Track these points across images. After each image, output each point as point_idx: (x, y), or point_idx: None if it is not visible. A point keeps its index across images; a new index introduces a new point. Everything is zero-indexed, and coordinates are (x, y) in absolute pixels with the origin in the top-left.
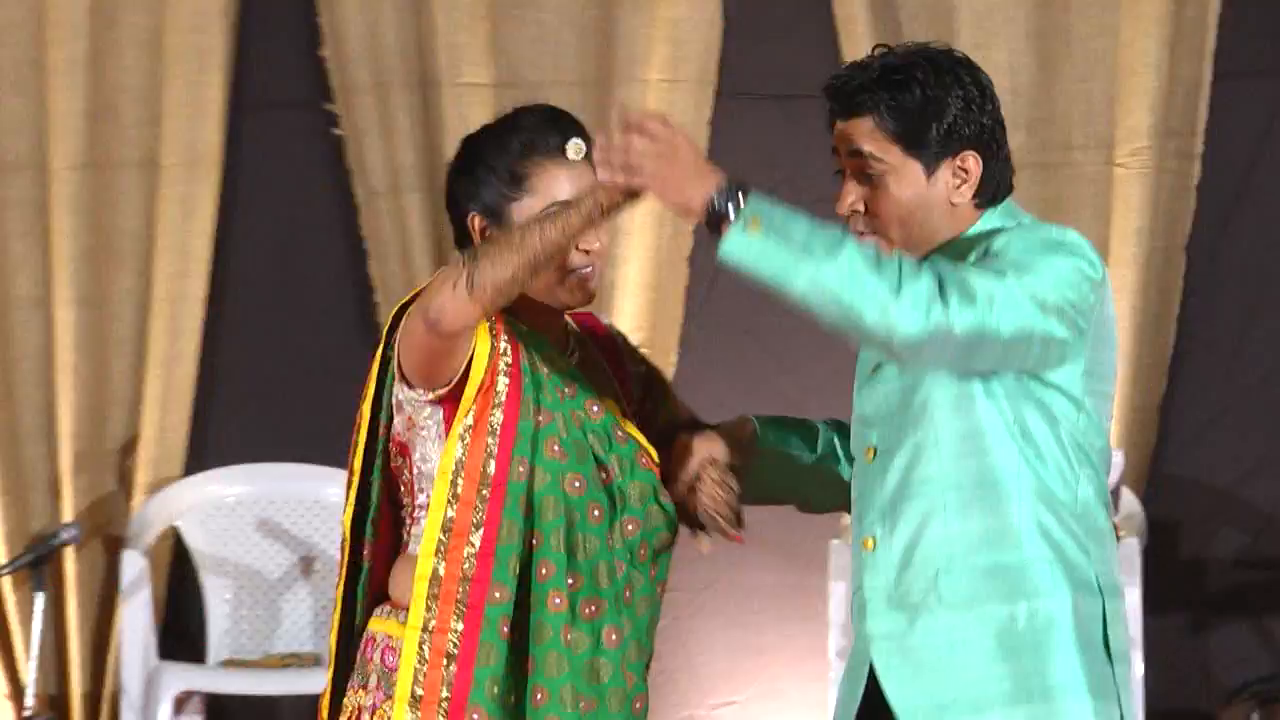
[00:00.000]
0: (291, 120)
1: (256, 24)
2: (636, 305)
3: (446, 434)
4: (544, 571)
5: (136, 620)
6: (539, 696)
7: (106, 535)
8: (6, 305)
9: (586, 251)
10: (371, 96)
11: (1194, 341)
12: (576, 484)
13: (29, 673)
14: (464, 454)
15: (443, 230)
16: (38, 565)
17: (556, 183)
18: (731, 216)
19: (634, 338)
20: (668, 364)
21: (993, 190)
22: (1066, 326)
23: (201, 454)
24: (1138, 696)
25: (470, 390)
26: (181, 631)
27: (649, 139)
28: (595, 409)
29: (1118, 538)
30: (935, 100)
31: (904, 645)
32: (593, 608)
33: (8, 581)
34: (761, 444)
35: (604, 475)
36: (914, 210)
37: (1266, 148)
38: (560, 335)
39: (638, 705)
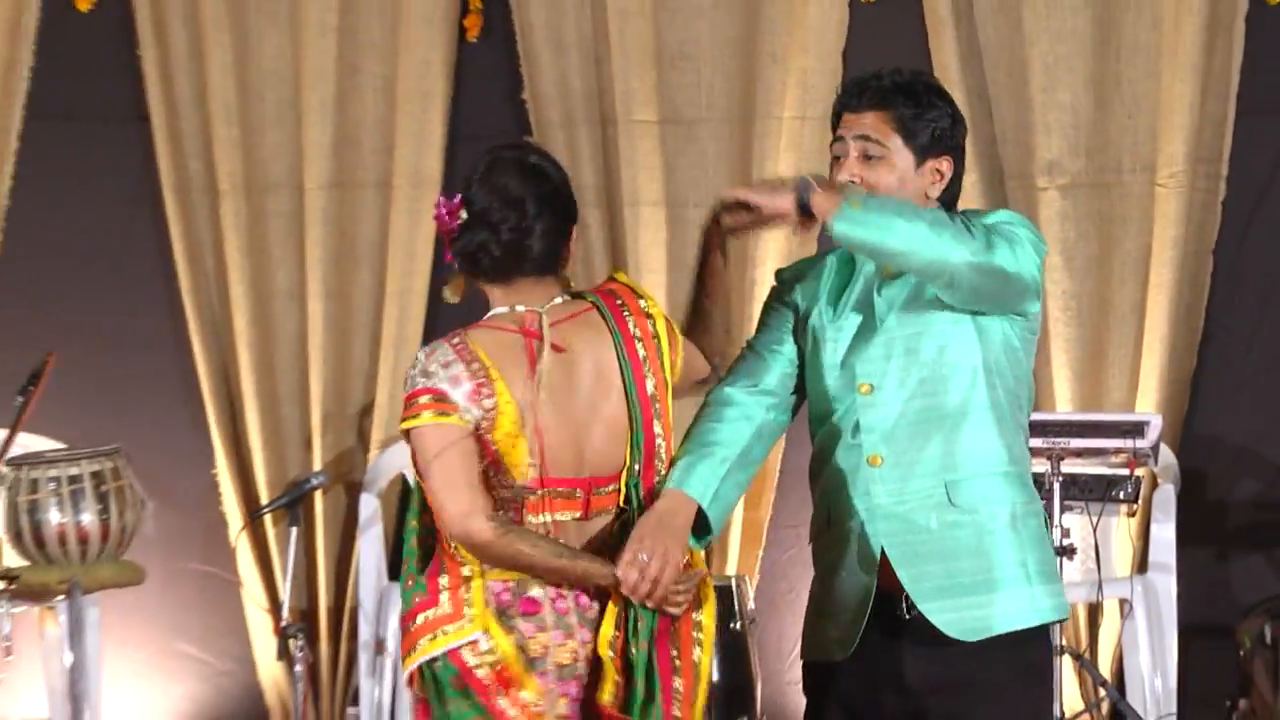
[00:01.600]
0: None
1: (471, 72)
2: None
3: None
4: None
5: (371, 549)
6: None
7: (348, 481)
8: (269, 298)
9: None
10: (561, 131)
11: (1219, 327)
12: None
13: (285, 591)
14: None
15: (618, 239)
16: (293, 505)
17: None
18: (810, 198)
19: None
20: None
21: (951, 197)
22: (1037, 280)
23: None
24: (1172, 612)
25: None
26: None
27: (756, 185)
28: None
29: (1155, 485)
30: (933, 108)
31: (914, 540)
32: None
33: (269, 518)
34: (711, 517)
35: None
36: (899, 190)
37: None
38: None
39: None
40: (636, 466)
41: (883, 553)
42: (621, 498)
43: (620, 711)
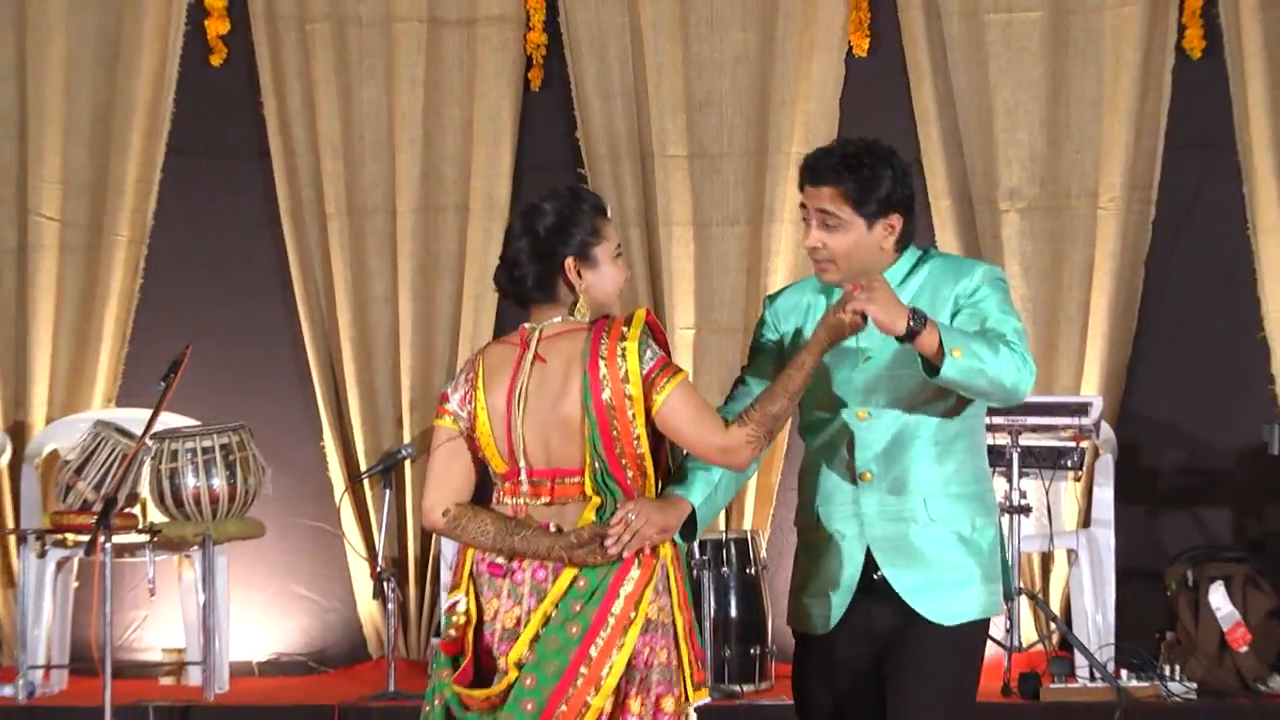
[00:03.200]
0: (554, 180)
1: (534, 116)
2: None
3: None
4: None
5: None
6: None
7: (432, 452)
8: (367, 302)
9: None
10: (608, 164)
11: (1149, 325)
12: None
13: (380, 542)
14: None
15: (655, 254)
16: (386, 472)
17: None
18: (921, 328)
19: None
20: None
21: (908, 239)
22: None
23: None
24: (1111, 560)
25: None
26: None
27: (874, 289)
28: None
29: (1097, 455)
30: (875, 179)
31: (900, 545)
32: None
33: (367, 483)
34: (699, 519)
35: None
36: (856, 250)
37: (1200, 196)
38: None
39: None
40: (597, 464)
41: (867, 549)
42: (589, 488)
43: (515, 666)
